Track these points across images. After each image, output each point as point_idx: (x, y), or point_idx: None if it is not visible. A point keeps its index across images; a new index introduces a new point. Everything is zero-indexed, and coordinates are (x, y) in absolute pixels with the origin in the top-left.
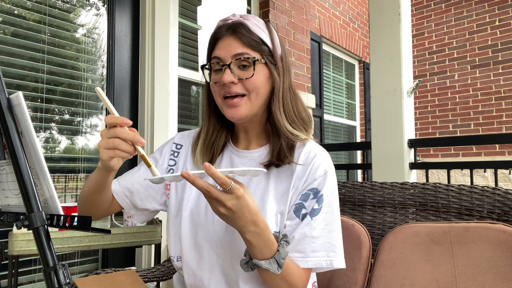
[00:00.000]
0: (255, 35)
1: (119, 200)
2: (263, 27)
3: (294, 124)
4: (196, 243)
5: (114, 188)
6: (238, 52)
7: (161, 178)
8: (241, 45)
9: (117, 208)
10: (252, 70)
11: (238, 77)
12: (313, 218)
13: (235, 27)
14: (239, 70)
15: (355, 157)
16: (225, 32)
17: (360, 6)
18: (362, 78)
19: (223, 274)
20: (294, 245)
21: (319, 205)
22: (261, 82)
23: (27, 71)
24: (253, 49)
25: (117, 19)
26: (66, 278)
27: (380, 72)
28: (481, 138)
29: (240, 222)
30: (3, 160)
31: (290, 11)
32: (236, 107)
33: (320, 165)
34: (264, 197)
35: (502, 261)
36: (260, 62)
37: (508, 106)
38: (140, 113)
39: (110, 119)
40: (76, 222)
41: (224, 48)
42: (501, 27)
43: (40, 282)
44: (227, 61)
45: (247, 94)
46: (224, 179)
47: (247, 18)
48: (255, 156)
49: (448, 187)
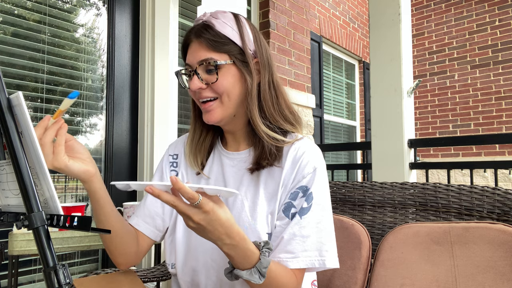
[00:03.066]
0: (221, 35)
1: (144, 230)
2: (231, 23)
3: (278, 123)
4: (190, 249)
5: (135, 221)
6: (202, 58)
7: (127, 184)
8: (205, 50)
9: (147, 243)
10: (215, 74)
11: (206, 82)
12: (303, 217)
13: (200, 30)
14: (206, 74)
15: (355, 157)
16: (192, 37)
17: (360, 6)
18: (362, 78)
19: (218, 278)
20: (284, 246)
21: (308, 203)
22: (229, 84)
23: (27, 71)
24: (218, 51)
25: (117, 19)
26: (66, 278)
27: (380, 72)
28: (481, 138)
29: (213, 236)
30: (3, 160)
31: (290, 11)
32: (210, 111)
33: (309, 162)
34: (255, 199)
35: (502, 261)
36: (227, 63)
37: (508, 106)
38: (140, 113)
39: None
40: (76, 222)
41: (191, 54)
42: (501, 27)
43: (40, 282)
44: (194, 67)
45: (218, 97)
46: (191, 194)
47: (216, 16)
48: (243, 157)
49: (448, 187)
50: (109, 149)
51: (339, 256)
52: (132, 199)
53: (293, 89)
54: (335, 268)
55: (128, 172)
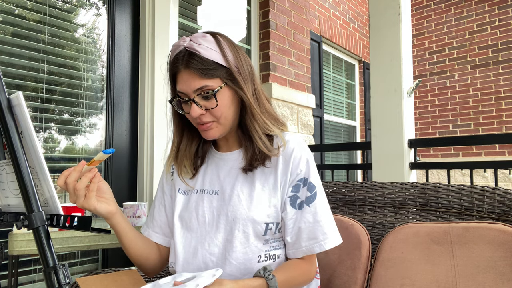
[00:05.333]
0: (209, 61)
1: (156, 240)
2: (213, 46)
3: (267, 127)
4: (189, 245)
5: (147, 233)
6: (197, 87)
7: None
8: (198, 78)
9: (165, 249)
10: (214, 101)
11: (205, 108)
12: (311, 205)
13: (187, 59)
14: (204, 101)
15: (355, 157)
16: (180, 66)
17: (360, 6)
18: (362, 78)
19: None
20: (305, 234)
21: (311, 192)
22: (226, 106)
23: (27, 71)
24: (210, 77)
25: (117, 19)
26: (66, 278)
27: (380, 72)
28: (481, 138)
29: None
30: (3, 160)
31: (290, 11)
32: (208, 130)
33: (302, 156)
34: (251, 193)
35: (502, 261)
36: (222, 87)
37: (508, 106)
38: (140, 113)
39: (61, 182)
40: (76, 222)
41: (184, 83)
42: (501, 27)
43: (40, 282)
44: (190, 96)
45: (216, 120)
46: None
47: (197, 41)
48: (235, 157)
49: (448, 187)
50: None
51: (339, 256)
52: (132, 199)
53: (293, 89)
54: (335, 267)
55: (128, 172)
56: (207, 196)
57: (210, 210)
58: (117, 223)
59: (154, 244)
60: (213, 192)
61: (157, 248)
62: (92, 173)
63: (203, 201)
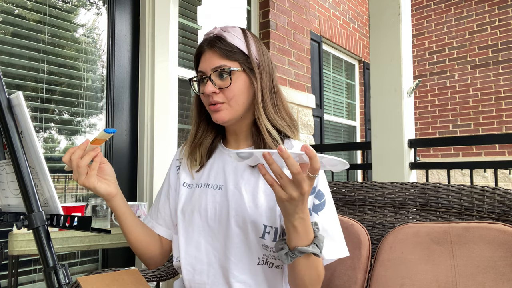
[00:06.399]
0: (232, 45)
1: (160, 232)
2: (240, 36)
3: (278, 125)
4: (192, 239)
5: (151, 224)
6: (216, 65)
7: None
8: (219, 58)
9: (167, 242)
10: (229, 79)
11: (219, 87)
12: (319, 213)
13: (213, 41)
14: (219, 80)
15: (355, 157)
16: (206, 47)
17: (360, 6)
18: (362, 78)
19: (220, 266)
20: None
21: (320, 200)
22: (239, 89)
23: (27, 71)
24: (230, 59)
25: (117, 19)
26: (66, 278)
27: (380, 72)
28: (481, 138)
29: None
30: (3, 160)
31: (290, 11)
32: (219, 112)
33: None
34: (254, 192)
35: (502, 261)
36: (238, 70)
37: (508, 106)
38: (140, 113)
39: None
40: (76, 222)
41: (205, 61)
42: (501, 27)
43: (40, 282)
44: (208, 73)
45: (227, 102)
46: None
47: (226, 30)
48: None
49: (448, 187)
50: (109, 149)
51: None
52: (132, 199)
53: (293, 89)
54: (335, 267)
55: (128, 172)
56: (211, 190)
57: (213, 205)
58: (116, 205)
59: (157, 235)
60: (217, 187)
61: (159, 240)
62: (95, 152)
63: (206, 195)
